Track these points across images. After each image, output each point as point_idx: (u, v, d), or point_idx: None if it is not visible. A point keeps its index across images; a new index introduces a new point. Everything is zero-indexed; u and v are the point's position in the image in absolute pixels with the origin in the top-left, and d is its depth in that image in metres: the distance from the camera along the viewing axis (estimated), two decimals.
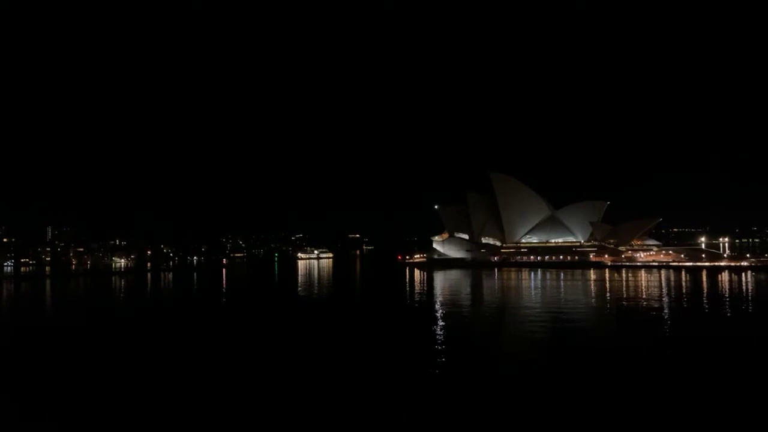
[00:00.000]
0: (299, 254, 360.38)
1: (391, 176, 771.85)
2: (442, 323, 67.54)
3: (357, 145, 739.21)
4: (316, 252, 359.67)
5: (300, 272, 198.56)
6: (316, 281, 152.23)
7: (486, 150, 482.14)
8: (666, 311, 72.35)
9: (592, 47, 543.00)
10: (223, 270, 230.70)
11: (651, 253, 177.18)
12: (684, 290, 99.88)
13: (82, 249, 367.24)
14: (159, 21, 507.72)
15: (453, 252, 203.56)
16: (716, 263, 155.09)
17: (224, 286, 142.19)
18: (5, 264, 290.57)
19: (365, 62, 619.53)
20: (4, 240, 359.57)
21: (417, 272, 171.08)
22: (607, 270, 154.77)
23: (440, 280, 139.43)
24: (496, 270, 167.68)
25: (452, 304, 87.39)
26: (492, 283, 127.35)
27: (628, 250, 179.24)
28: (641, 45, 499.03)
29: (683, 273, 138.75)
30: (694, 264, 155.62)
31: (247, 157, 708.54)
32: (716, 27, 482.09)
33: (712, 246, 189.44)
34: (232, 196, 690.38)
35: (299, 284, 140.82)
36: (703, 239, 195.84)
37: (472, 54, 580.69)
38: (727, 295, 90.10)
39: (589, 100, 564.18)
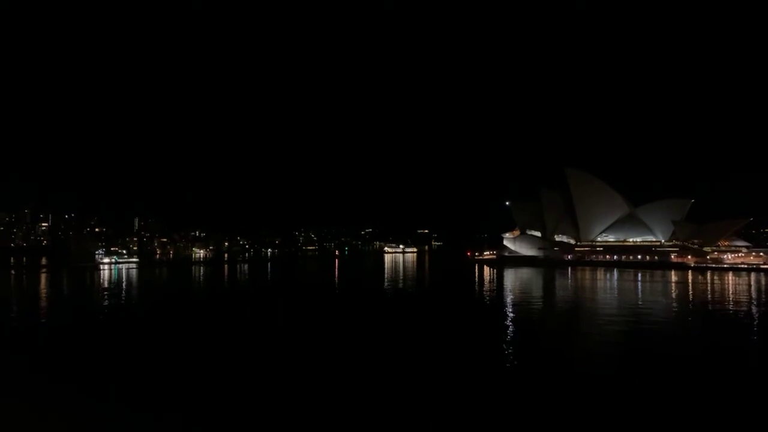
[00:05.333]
0: (386, 248, 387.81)
1: (463, 172, 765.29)
2: (517, 325, 66.77)
3: (430, 141, 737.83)
4: (401, 247, 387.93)
5: (388, 266, 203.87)
6: (401, 274, 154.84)
7: (561, 146, 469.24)
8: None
9: (681, 37, 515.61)
10: (336, 261, 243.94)
11: (740, 254, 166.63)
12: None
13: (165, 239, 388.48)
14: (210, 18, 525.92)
15: (524, 250, 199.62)
16: None
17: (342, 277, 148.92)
18: (96, 252, 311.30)
19: (440, 58, 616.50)
20: (96, 230, 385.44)
21: (486, 269, 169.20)
22: (690, 272, 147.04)
23: (512, 278, 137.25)
24: (569, 269, 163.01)
25: (527, 305, 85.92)
26: (568, 282, 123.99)
27: (714, 251, 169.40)
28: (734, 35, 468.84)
29: None
30: None
31: (323, 153, 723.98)
32: None
33: None
34: (306, 190, 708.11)
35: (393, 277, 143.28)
36: None
37: (550, 49, 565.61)
38: None
39: (673, 93, 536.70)
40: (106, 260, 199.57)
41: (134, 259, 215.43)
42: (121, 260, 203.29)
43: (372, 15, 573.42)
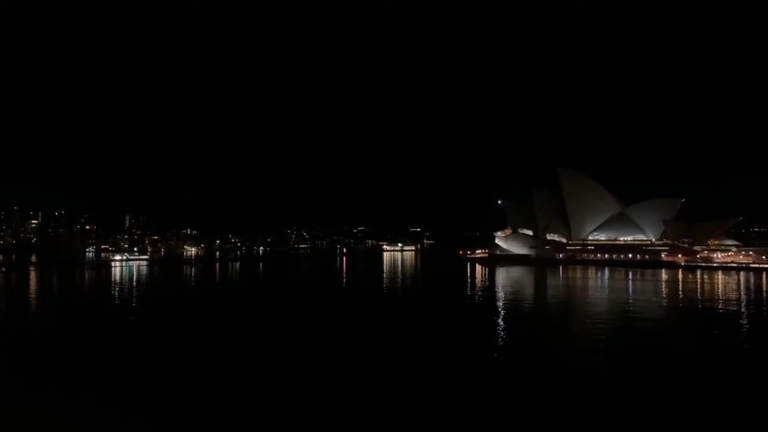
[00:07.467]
0: (384, 246, 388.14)
1: (455, 171, 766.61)
2: (507, 322, 66.76)
3: (422, 141, 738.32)
4: (399, 245, 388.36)
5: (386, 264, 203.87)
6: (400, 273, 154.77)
7: (553, 145, 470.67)
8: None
9: (678, 37, 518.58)
10: (344, 258, 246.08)
11: (729, 254, 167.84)
12: None
13: (156, 237, 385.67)
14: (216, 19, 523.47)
15: (516, 248, 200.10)
16: None
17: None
18: (87, 250, 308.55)
19: (434, 57, 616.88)
20: (86, 227, 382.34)
21: (479, 268, 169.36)
22: (680, 270, 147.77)
23: (504, 276, 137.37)
24: (561, 268, 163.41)
25: (517, 302, 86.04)
26: (558, 280, 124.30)
27: (704, 250, 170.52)
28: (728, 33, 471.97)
29: (765, 276, 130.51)
30: None
31: (315, 152, 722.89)
32: None
33: None
34: (298, 189, 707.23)
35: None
36: None
37: (545, 49, 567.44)
38: None
39: (664, 94, 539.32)
40: (118, 257, 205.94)
41: (145, 257, 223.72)
42: (132, 257, 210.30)
43: (370, 15, 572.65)
